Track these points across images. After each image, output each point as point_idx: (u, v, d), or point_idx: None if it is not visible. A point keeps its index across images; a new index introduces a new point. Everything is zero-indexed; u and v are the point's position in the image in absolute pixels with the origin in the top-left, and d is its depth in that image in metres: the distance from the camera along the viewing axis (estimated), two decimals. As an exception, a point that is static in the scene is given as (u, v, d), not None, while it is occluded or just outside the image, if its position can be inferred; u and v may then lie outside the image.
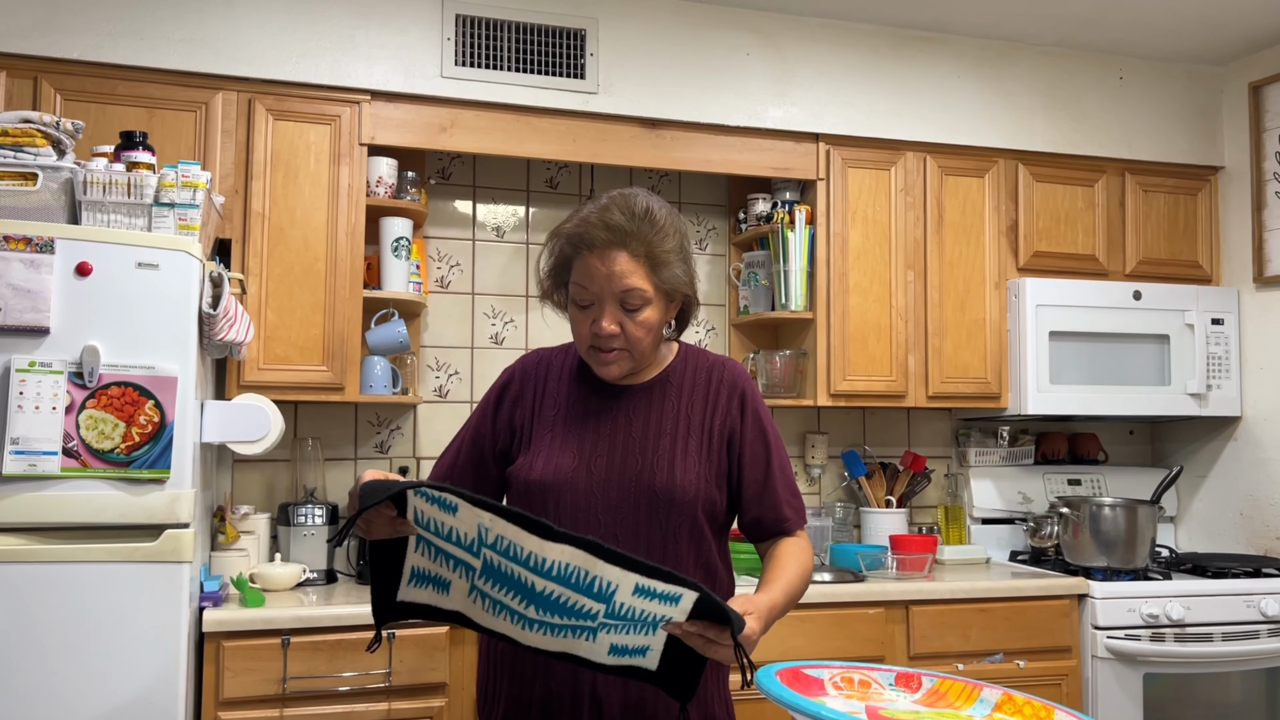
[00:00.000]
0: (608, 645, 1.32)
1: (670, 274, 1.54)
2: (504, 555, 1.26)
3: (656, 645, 1.30)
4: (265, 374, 2.74)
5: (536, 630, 1.34)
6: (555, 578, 1.25)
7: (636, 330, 1.53)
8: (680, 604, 1.22)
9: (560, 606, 1.28)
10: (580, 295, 1.54)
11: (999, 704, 1.06)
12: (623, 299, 1.51)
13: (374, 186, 2.93)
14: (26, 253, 2.10)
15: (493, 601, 1.34)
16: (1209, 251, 3.59)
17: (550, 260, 1.61)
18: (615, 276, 1.50)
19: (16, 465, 2.07)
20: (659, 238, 1.52)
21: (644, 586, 1.22)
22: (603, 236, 1.50)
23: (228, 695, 2.35)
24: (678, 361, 1.66)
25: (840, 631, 2.80)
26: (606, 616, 1.27)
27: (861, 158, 3.26)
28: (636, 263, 1.50)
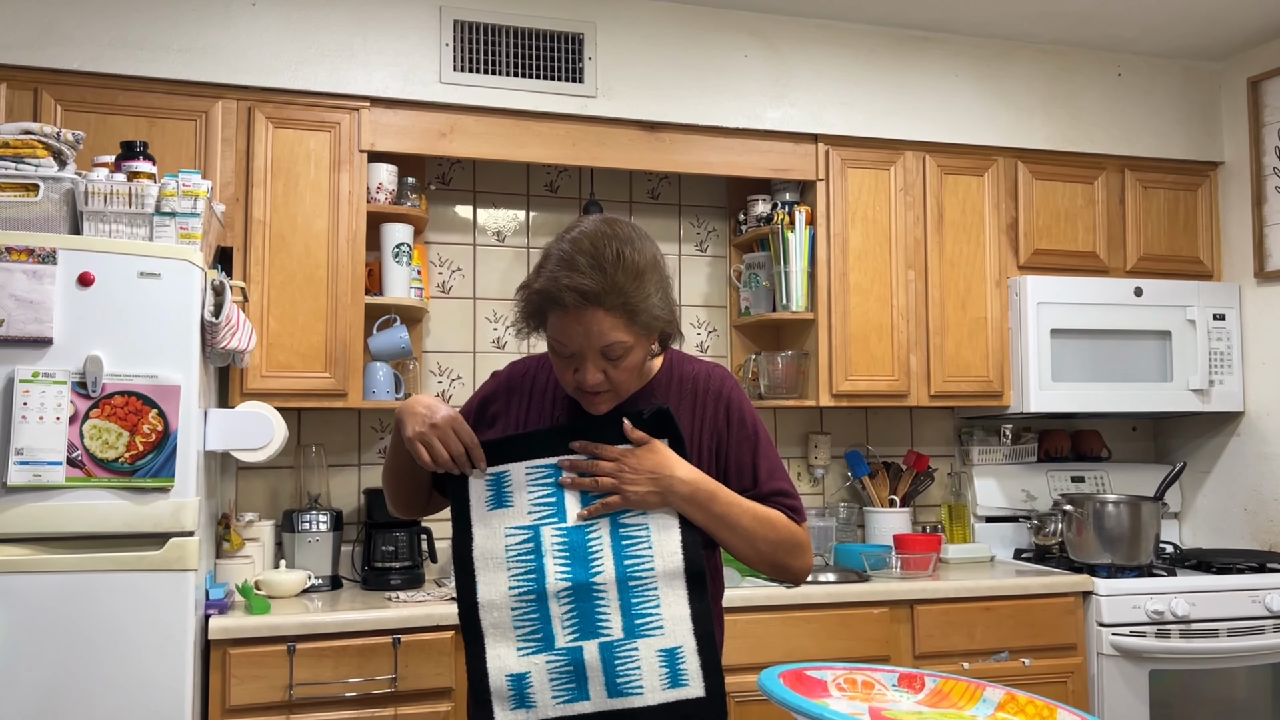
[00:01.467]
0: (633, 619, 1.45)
1: (648, 317, 1.48)
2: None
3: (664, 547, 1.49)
4: (268, 381, 2.74)
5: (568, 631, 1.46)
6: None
7: (621, 375, 1.51)
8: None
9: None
10: (559, 349, 1.50)
11: (1002, 704, 1.06)
12: (604, 352, 1.48)
13: (374, 193, 2.94)
14: (29, 264, 2.11)
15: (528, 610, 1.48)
16: (1210, 247, 3.59)
17: (522, 309, 1.54)
18: (593, 335, 1.45)
19: (21, 476, 2.07)
20: (634, 286, 1.45)
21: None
22: (574, 299, 1.44)
23: (234, 703, 2.36)
24: (664, 372, 1.64)
25: (845, 631, 2.80)
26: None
27: (861, 158, 3.26)
28: (614, 317, 1.45)
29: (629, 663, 1.44)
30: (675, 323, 1.56)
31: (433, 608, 2.53)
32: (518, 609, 1.48)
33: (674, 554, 1.48)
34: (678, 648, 1.46)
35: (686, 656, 1.46)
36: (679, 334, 1.59)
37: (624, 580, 1.47)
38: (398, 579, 2.84)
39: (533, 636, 1.47)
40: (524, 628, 1.47)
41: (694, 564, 1.49)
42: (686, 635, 1.46)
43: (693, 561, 1.49)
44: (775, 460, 1.63)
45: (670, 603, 1.47)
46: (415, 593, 2.74)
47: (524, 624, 1.47)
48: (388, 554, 2.86)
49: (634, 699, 1.44)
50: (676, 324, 1.57)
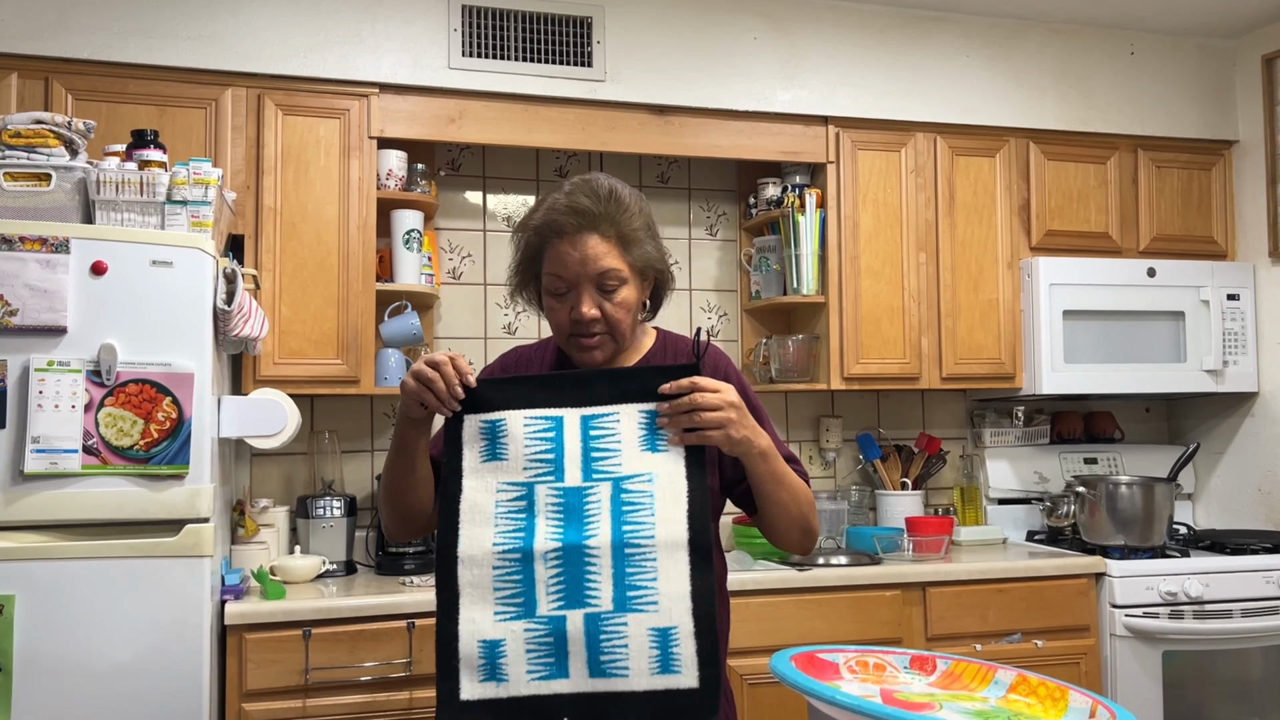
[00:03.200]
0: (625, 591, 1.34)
1: (642, 251, 1.54)
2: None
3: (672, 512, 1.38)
4: (280, 368, 2.75)
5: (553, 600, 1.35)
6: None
7: (616, 312, 1.52)
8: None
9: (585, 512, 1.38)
10: (555, 284, 1.53)
11: (1014, 685, 1.07)
12: (599, 281, 1.51)
13: (384, 179, 2.94)
14: (42, 253, 2.12)
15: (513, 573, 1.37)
16: (1223, 226, 3.56)
17: (519, 254, 1.60)
18: (589, 260, 1.50)
19: (38, 464, 2.09)
20: (627, 217, 1.52)
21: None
22: (572, 222, 1.50)
23: (251, 687, 2.38)
24: (656, 348, 1.65)
25: (857, 614, 2.80)
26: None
27: (871, 140, 3.25)
28: (608, 244, 1.51)
29: (616, 639, 1.32)
30: (668, 270, 1.61)
31: (446, 592, 2.54)
32: (500, 568, 1.36)
33: (679, 522, 1.37)
34: (672, 628, 1.33)
35: (681, 639, 1.33)
36: (671, 281, 1.64)
37: (620, 546, 1.35)
38: (411, 564, 2.86)
39: (512, 600, 1.35)
40: (504, 589, 1.35)
41: (700, 535, 1.37)
42: (684, 615, 1.33)
43: (699, 533, 1.37)
44: (774, 430, 1.64)
45: (669, 576, 1.34)
46: (429, 577, 2.76)
47: (505, 585, 1.35)
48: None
49: (617, 681, 1.32)
50: (669, 272, 1.62)
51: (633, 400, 1.44)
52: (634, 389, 1.45)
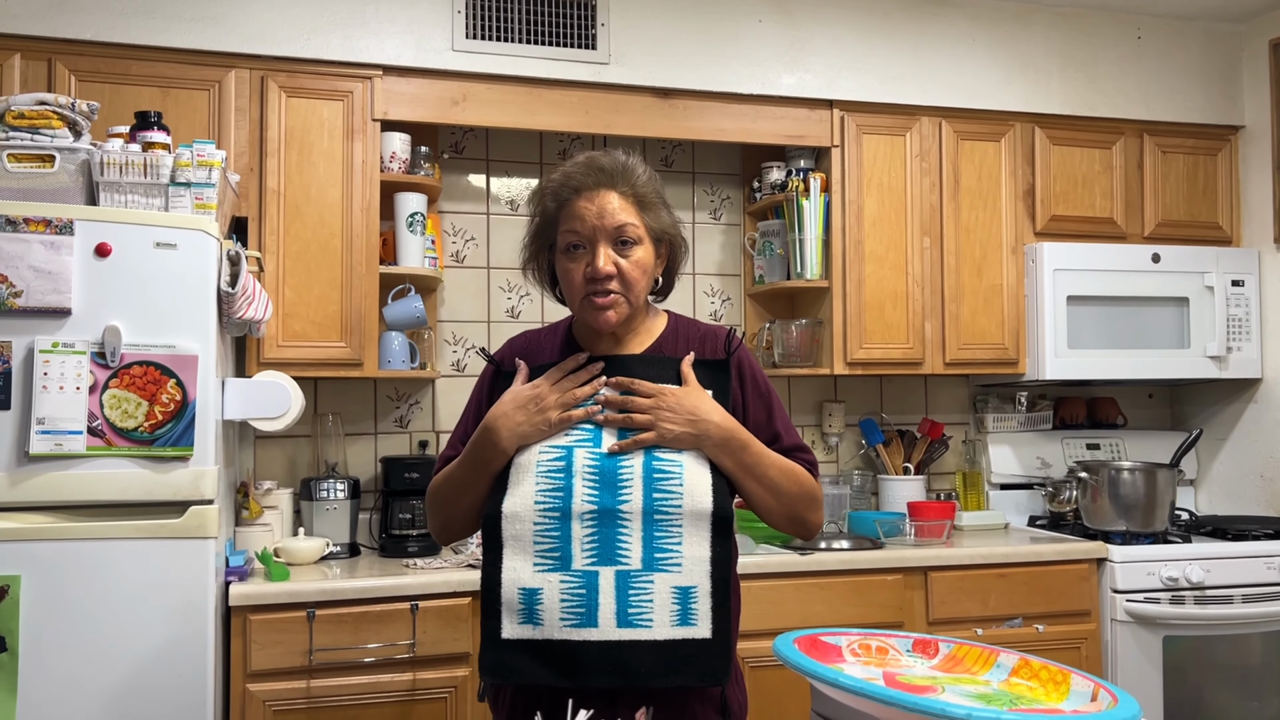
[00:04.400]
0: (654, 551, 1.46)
1: (657, 216, 1.58)
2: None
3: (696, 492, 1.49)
4: (284, 351, 2.76)
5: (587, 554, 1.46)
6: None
7: (632, 270, 1.54)
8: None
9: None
10: (571, 240, 1.55)
11: (1016, 668, 1.07)
12: (616, 236, 1.54)
13: (388, 162, 2.93)
14: (46, 234, 2.12)
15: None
16: (1229, 212, 3.55)
17: (534, 222, 1.62)
18: (607, 214, 1.53)
19: (43, 445, 2.10)
20: (641, 181, 1.57)
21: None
22: (590, 179, 1.55)
23: (255, 667, 2.39)
24: (668, 332, 1.66)
25: (859, 598, 2.81)
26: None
27: (876, 124, 3.23)
28: (626, 201, 1.55)
29: (643, 594, 1.45)
30: (681, 240, 1.64)
31: (450, 574, 2.55)
32: (540, 524, 1.48)
33: (704, 495, 1.49)
34: (693, 587, 1.47)
35: (700, 597, 1.47)
36: (684, 254, 1.66)
37: (650, 513, 1.47)
38: (415, 546, 2.87)
39: (550, 554, 1.47)
40: (543, 544, 1.48)
41: (722, 509, 1.50)
42: (703, 577, 1.47)
43: (721, 506, 1.50)
44: (788, 417, 1.68)
45: (693, 543, 1.47)
46: (432, 560, 2.77)
47: (544, 540, 1.48)
48: (405, 522, 2.89)
49: (641, 631, 1.45)
50: (683, 241, 1.65)
51: (666, 383, 1.57)
52: (668, 374, 1.58)
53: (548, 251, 1.62)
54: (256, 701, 2.39)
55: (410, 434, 3.19)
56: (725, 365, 1.62)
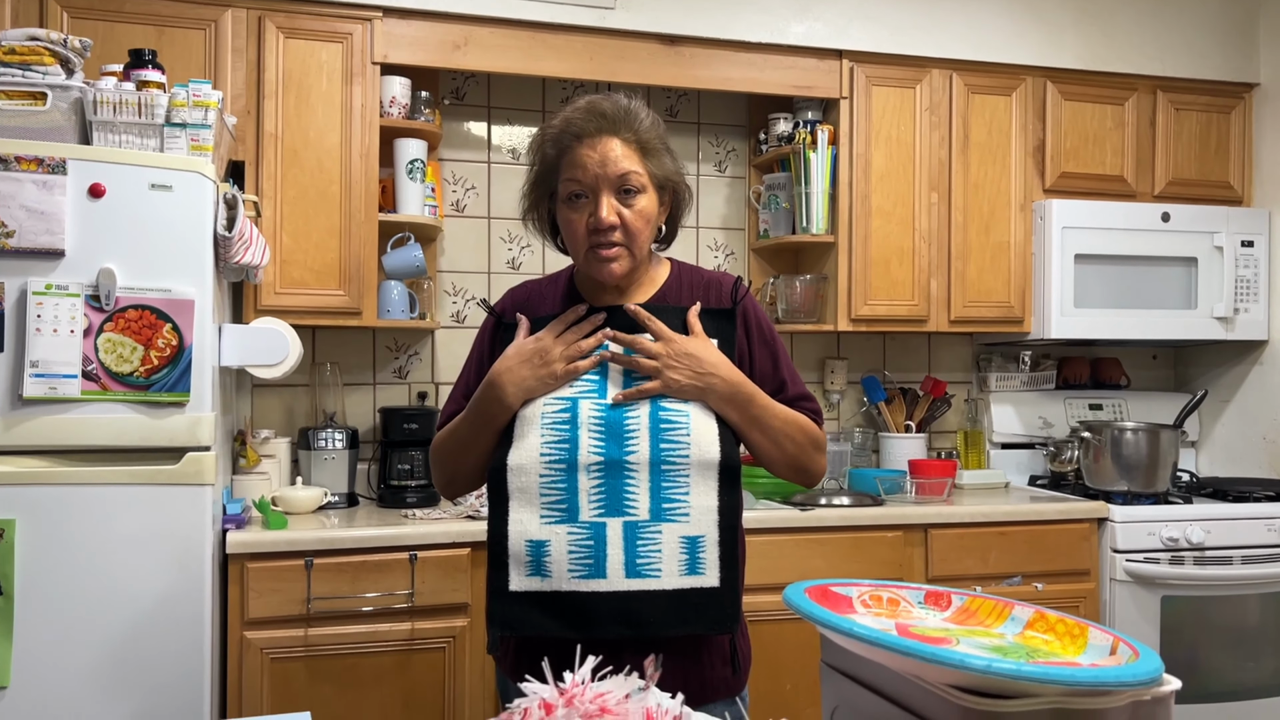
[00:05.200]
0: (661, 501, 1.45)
1: (661, 162, 1.54)
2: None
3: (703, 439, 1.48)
4: (282, 298, 2.72)
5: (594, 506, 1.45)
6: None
7: (635, 220, 1.51)
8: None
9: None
10: (572, 189, 1.51)
11: (1030, 622, 1.05)
12: (619, 184, 1.50)
13: (387, 107, 2.87)
14: (38, 174, 2.07)
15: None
16: (1240, 171, 3.50)
17: (534, 169, 1.58)
18: (609, 161, 1.49)
19: (37, 388, 2.07)
20: (644, 126, 1.53)
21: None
22: (592, 125, 1.50)
23: (253, 615, 2.38)
24: (672, 280, 1.62)
25: (859, 555, 2.80)
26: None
27: (886, 75, 3.17)
28: (629, 148, 1.51)
29: (651, 545, 1.44)
30: (684, 187, 1.60)
31: (450, 525, 2.54)
32: (546, 476, 1.46)
33: (711, 445, 1.47)
34: (700, 536, 1.46)
35: (707, 547, 1.46)
36: (688, 201, 1.62)
37: (657, 464, 1.46)
38: (413, 497, 2.85)
39: (557, 506, 1.46)
40: (550, 496, 1.46)
41: (730, 458, 1.48)
42: (711, 526, 1.46)
43: (729, 455, 1.48)
44: (793, 369, 1.66)
45: (700, 492, 1.46)
46: (431, 510, 2.75)
47: (551, 492, 1.46)
48: (404, 472, 2.87)
49: (650, 581, 1.44)
50: (686, 188, 1.61)
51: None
52: (674, 324, 1.54)
53: (548, 200, 1.59)
54: (254, 648, 2.38)
55: (409, 385, 3.16)
56: (731, 315, 1.59)
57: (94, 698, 2.09)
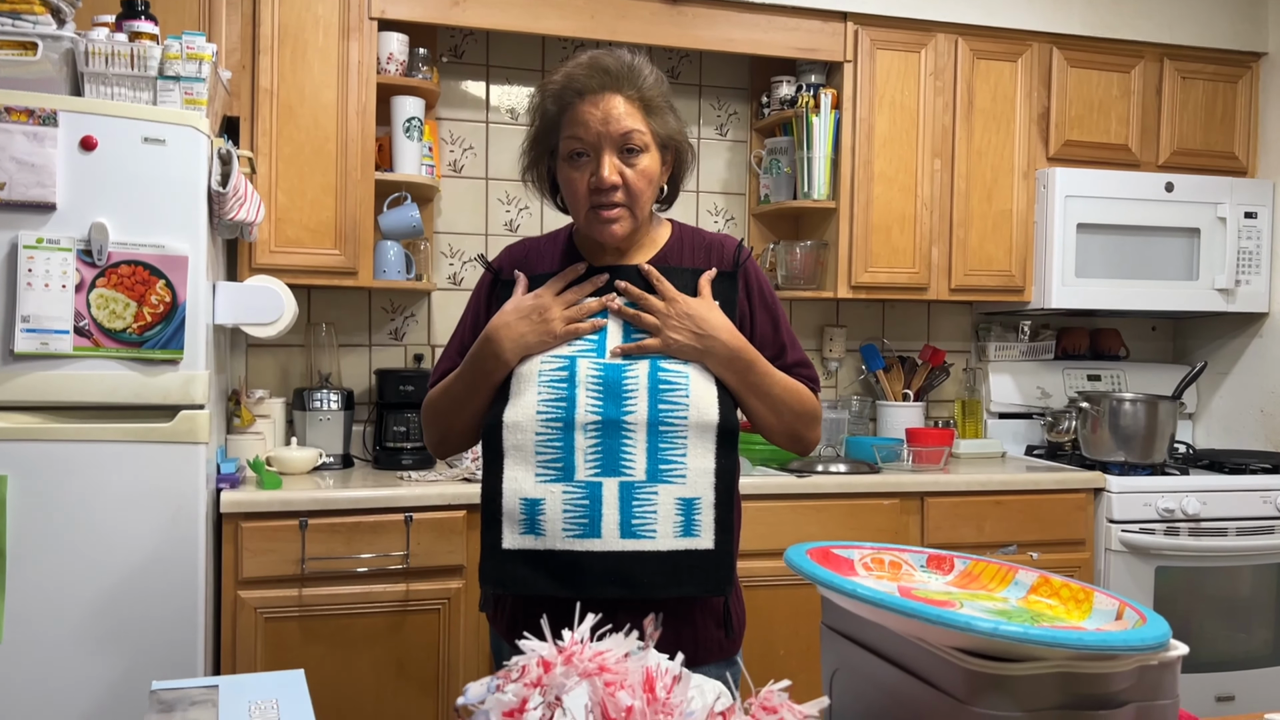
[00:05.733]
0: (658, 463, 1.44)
1: (664, 120, 1.51)
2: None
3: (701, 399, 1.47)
4: (277, 257, 2.69)
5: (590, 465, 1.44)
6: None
7: (638, 180, 1.49)
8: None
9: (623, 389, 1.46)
10: (574, 147, 1.48)
11: (1035, 586, 1.04)
12: (621, 143, 1.47)
13: (384, 64, 2.83)
14: (29, 125, 2.03)
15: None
16: (1246, 142, 3.47)
17: (534, 126, 1.55)
18: (612, 119, 1.46)
19: (28, 343, 2.04)
20: (649, 83, 1.50)
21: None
22: (595, 81, 1.47)
23: (247, 575, 2.37)
24: (673, 241, 1.60)
25: (854, 521, 2.80)
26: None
27: (890, 39, 3.13)
28: (632, 105, 1.47)
29: (646, 505, 1.43)
30: (688, 145, 1.58)
31: (445, 487, 2.53)
32: (542, 434, 1.44)
33: (709, 407, 1.46)
34: (697, 499, 1.45)
35: (703, 509, 1.45)
36: (691, 160, 1.59)
37: (655, 424, 1.44)
38: (409, 459, 2.83)
39: (553, 465, 1.44)
40: (546, 454, 1.44)
41: (728, 421, 1.47)
42: (707, 489, 1.45)
43: (727, 418, 1.47)
44: (792, 334, 1.64)
45: (697, 454, 1.45)
46: (427, 473, 2.74)
47: (546, 450, 1.44)
48: (399, 434, 2.85)
49: (645, 542, 1.43)
50: (689, 147, 1.58)
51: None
52: (675, 285, 1.52)
53: (548, 158, 1.56)
54: (248, 608, 2.37)
55: (405, 347, 3.13)
56: (733, 277, 1.57)
57: (87, 654, 2.09)
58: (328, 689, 2.40)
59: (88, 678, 2.09)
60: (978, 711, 0.84)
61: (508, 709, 0.81)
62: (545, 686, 0.82)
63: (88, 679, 2.09)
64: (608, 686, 0.80)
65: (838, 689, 1.06)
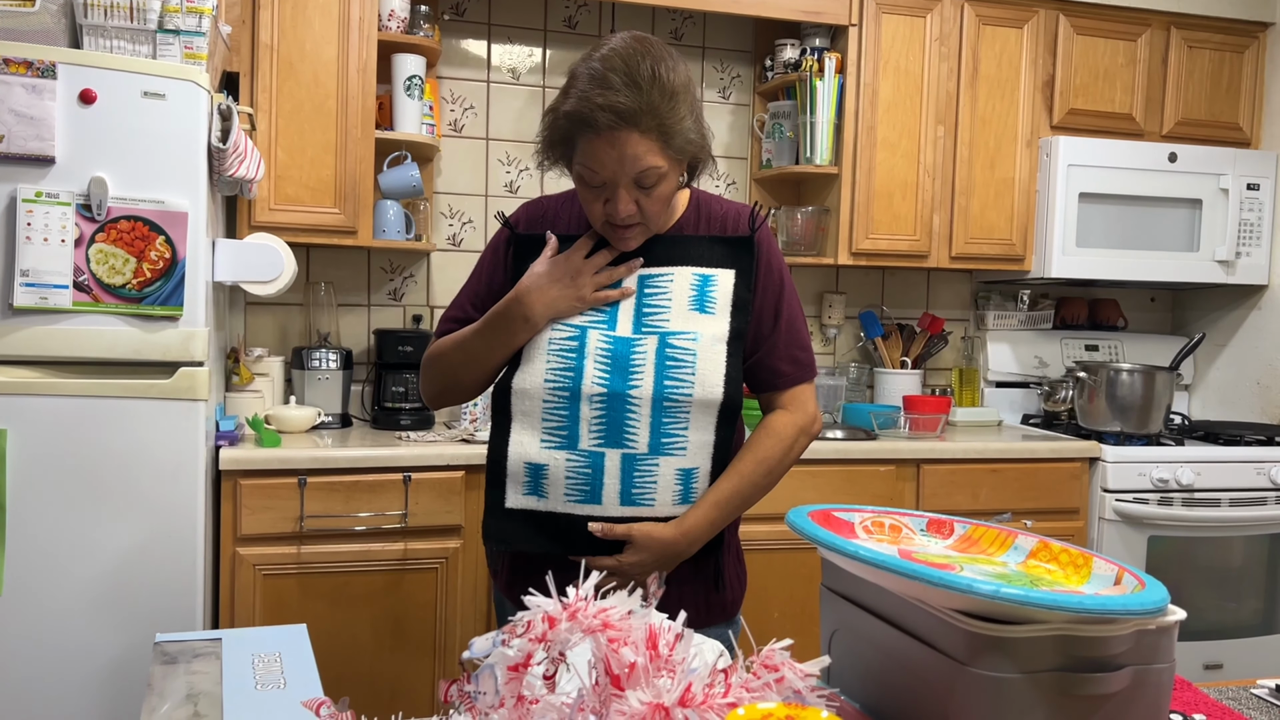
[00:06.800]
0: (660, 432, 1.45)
1: (682, 141, 1.42)
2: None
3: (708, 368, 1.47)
4: (276, 215, 2.67)
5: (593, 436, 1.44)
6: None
7: (653, 205, 1.45)
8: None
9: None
10: (589, 178, 1.43)
11: (1034, 551, 1.05)
12: (638, 179, 1.41)
13: (385, 20, 2.80)
14: (28, 77, 2.01)
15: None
16: (1250, 113, 3.45)
17: (548, 135, 1.46)
18: (628, 160, 1.38)
19: (27, 298, 2.03)
20: (669, 106, 1.38)
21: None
22: (607, 120, 1.36)
23: (245, 532, 2.38)
24: (690, 210, 1.58)
25: (850, 487, 2.81)
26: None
27: (897, 3, 3.10)
28: (648, 140, 1.38)
29: (647, 477, 1.45)
30: (707, 147, 1.50)
31: (444, 448, 2.53)
32: (549, 402, 1.46)
33: (716, 385, 1.46)
34: (695, 469, 1.47)
35: (700, 477, 1.48)
36: (710, 159, 1.52)
37: (659, 400, 1.45)
38: (408, 419, 2.84)
39: (558, 432, 1.46)
40: (551, 422, 1.46)
41: (732, 399, 1.48)
42: (706, 460, 1.48)
43: (732, 396, 1.48)
44: (796, 310, 1.60)
45: (699, 428, 1.46)
46: (425, 433, 2.75)
47: (552, 418, 1.46)
48: (398, 395, 2.86)
49: (643, 509, 1.46)
50: (708, 148, 1.51)
51: (689, 263, 1.51)
52: (691, 253, 1.52)
53: (564, 161, 1.50)
54: (246, 565, 2.39)
55: (404, 308, 3.13)
56: (749, 243, 1.53)
57: (87, 608, 2.10)
58: (326, 646, 2.42)
59: (87, 632, 2.10)
60: (977, 672, 0.85)
61: (512, 663, 0.82)
62: (550, 642, 0.82)
63: (87, 633, 2.10)
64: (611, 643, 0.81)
65: (837, 649, 1.07)
